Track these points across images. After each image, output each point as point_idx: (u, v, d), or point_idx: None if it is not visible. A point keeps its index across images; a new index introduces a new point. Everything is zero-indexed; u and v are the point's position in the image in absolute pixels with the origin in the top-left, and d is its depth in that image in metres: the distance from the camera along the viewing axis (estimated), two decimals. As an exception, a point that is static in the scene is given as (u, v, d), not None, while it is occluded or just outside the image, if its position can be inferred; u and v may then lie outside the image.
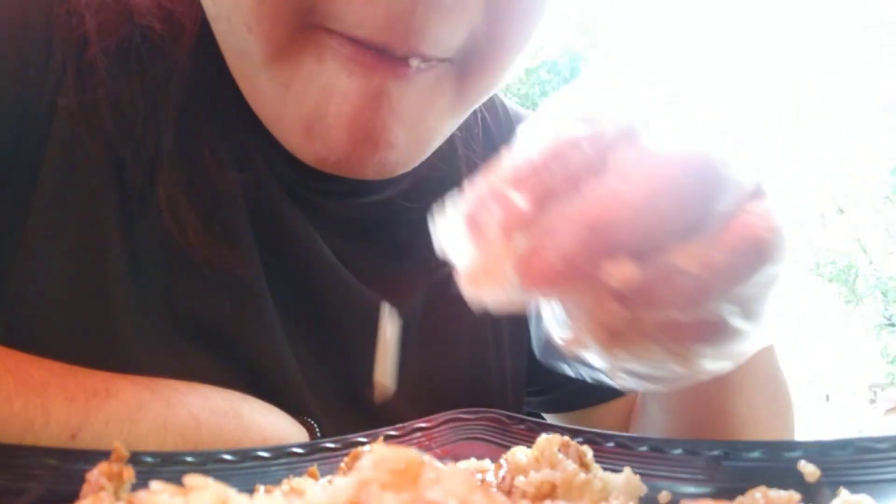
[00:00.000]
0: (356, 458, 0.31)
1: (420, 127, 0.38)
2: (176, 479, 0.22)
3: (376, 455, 0.19)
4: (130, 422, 0.37)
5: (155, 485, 0.21)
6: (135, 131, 0.43)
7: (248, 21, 0.35)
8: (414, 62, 0.34)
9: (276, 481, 0.31)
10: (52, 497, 0.29)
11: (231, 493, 0.21)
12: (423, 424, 0.41)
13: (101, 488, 0.25)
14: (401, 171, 0.42)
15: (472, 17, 0.34)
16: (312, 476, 0.31)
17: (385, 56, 0.34)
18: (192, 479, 0.21)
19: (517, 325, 0.58)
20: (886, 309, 11.44)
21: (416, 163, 0.42)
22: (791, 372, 0.50)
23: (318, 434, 0.45)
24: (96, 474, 0.25)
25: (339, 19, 0.33)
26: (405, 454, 0.19)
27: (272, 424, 0.42)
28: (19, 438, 0.34)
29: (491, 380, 0.56)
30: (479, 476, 0.33)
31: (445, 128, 0.41)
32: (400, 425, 0.40)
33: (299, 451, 0.36)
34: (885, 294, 11.26)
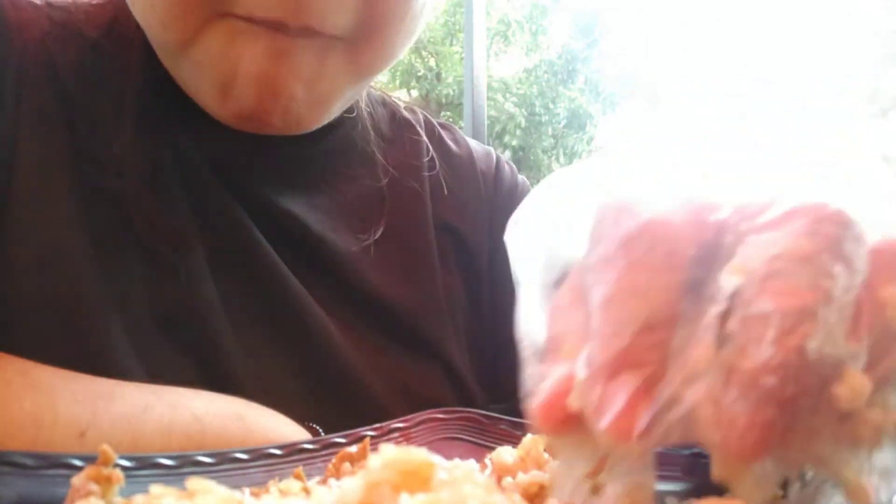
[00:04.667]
0: (343, 459, 0.31)
1: (317, 86, 0.45)
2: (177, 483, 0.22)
3: (385, 456, 0.19)
4: (136, 422, 0.38)
5: (155, 488, 0.21)
6: (103, 139, 0.47)
7: (162, 19, 0.42)
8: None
9: (257, 483, 0.30)
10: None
11: (236, 495, 0.21)
12: (399, 424, 0.41)
13: (89, 493, 0.23)
14: (307, 125, 0.49)
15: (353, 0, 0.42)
16: (298, 478, 0.31)
17: (283, 33, 0.41)
18: (195, 483, 0.21)
19: (476, 324, 0.58)
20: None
21: (321, 118, 0.49)
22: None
23: None
24: (83, 478, 0.24)
25: (241, 3, 0.40)
26: (415, 455, 0.19)
27: (275, 429, 0.43)
28: (32, 437, 0.35)
29: (464, 381, 0.56)
30: None
31: (343, 92, 0.48)
32: (377, 425, 0.40)
33: (277, 452, 0.36)
34: (884, 293, 11.20)
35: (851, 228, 0.21)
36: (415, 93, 8.91)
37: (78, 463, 0.29)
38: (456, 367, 0.55)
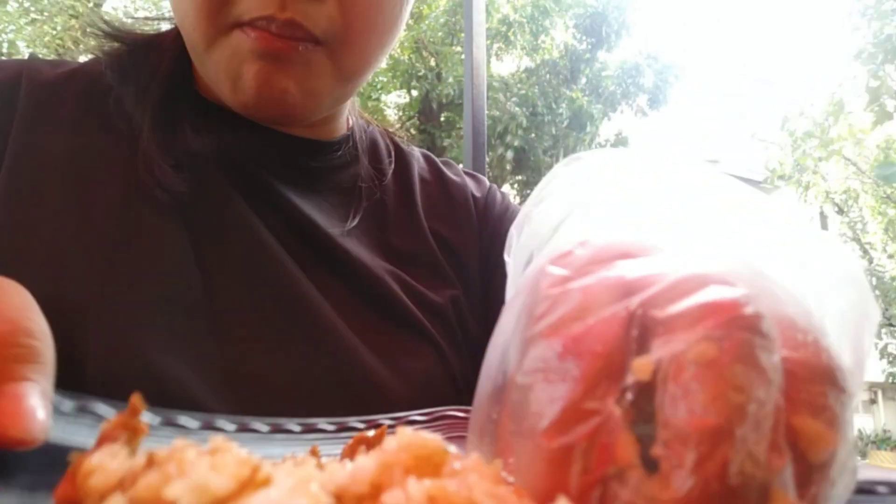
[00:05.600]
0: (360, 442, 0.31)
1: (306, 85, 0.53)
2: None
3: (401, 438, 0.19)
4: None
5: (179, 441, 0.21)
6: (130, 116, 0.55)
7: (192, 23, 0.52)
8: (296, 43, 0.50)
9: (272, 456, 0.30)
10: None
11: (256, 456, 0.21)
12: (418, 417, 0.41)
13: (117, 440, 0.24)
14: (301, 116, 0.57)
15: (330, 7, 0.51)
16: (314, 454, 0.31)
17: (277, 36, 0.50)
18: (217, 441, 0.21)
19: (466, 328, 0.59)
20: (887, 309, 11.43)
21: (313, 111, 0.57)
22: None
23: None
24: (112, 425, 0.24)
25: (240, 8, 0.50)
26: (431, 441, 0.19)
27: None
28: None
29: (453, 370, 0.56)
30: None
31: (331, 91, 0.56)
32: (396, 415, 0.40)
33: (295, 428, 0.35)
34: (885, 294, 11.25)
35: (763, 336, 0.20)
36: (415, 93, 8.94)
37: (106, 410, 0.30)
38: (445, 354, 0.56)
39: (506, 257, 0.33)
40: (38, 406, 0.24)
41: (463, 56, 2.45)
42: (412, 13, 9.27)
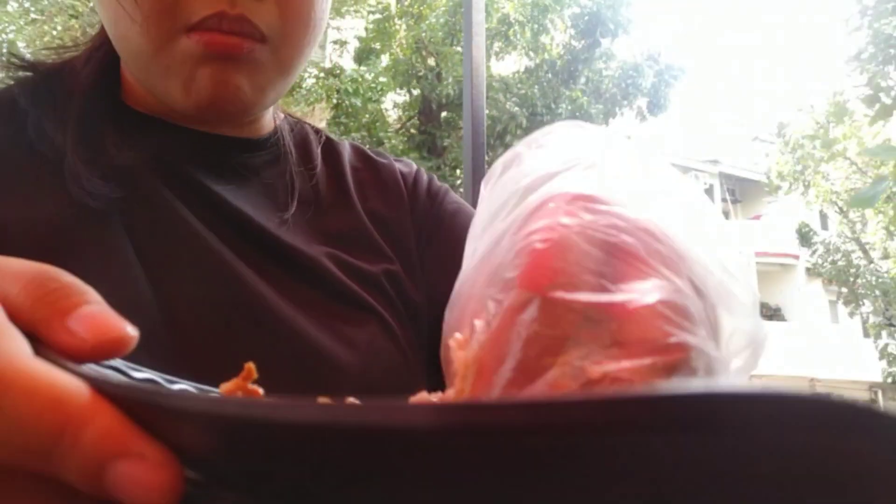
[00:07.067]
0: None
1: (255, 81, 0.56)
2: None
3: None
4: None
5: None
6: (52, 137, 0.56)
7: (140, 30, 0.53)
8: (245, 41, 0.53)
9: None
10: None
11: None
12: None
13: None
14: (251, 110, 0.60)
15: (270, 3, 0.54)
16: None
17: (227, 35, 0.52)
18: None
19: (411, 301, 0.63)
20: (887, 309, 11.43)
21: (261, 104, 0.60)
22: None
23: None
24: (231, 388, 0.27)
25: (191, 9, 0.51)
26: None
27: None
28: None
29: (398, 339, 0.59)
30: None
31: (274, 84, 0.59)
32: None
33: None
34: (885, 294, 11.25)
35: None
36: (415, 92, 8.94)
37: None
38: (386, 321, 0.59)
39: (482, 186, 0.37)
40: (114, 315, 0.25)
41: (463, 56, 2.45)
42: (412, 13, 9.28)
